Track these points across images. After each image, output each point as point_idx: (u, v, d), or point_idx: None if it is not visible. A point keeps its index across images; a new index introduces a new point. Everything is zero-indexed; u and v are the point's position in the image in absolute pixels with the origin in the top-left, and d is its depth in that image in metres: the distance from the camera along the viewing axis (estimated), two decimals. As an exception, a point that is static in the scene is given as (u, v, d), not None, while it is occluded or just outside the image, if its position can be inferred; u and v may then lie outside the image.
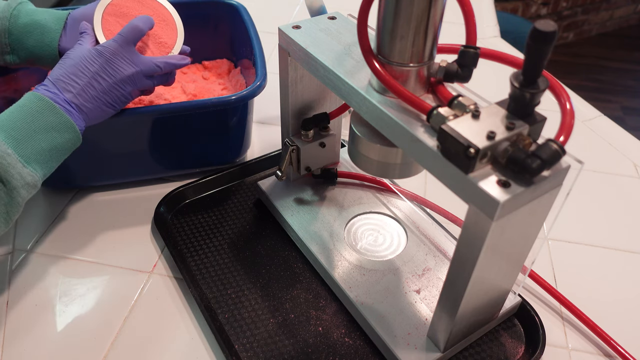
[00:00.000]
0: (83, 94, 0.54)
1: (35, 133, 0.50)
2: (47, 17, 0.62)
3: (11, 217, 0.49)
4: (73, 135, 0.53)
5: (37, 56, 0.62)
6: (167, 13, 0.67)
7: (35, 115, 0.50)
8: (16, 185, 0.48)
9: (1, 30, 0.60)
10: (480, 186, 0.36)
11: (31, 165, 0.49)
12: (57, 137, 0.51)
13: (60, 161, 0.54)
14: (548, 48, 0.33)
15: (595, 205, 0.72)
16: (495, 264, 0.43)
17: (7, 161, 0.47)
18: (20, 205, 0.50)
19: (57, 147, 0.52)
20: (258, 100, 0.69)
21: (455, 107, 0.39)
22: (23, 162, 0.48)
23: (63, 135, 0.52)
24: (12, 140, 0.48)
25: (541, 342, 0.52)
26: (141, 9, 0.65)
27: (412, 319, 0.52)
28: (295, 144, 0.62)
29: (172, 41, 0.66)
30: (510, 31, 1.27)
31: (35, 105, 0.51)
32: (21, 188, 0.49)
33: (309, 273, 0.60)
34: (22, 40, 0.61)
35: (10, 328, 0.55)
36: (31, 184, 0.50)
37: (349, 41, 0.51)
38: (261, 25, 0.83)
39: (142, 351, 0.53)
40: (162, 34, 0.65)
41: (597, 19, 2.81)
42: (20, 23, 0.60)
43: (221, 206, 0.69)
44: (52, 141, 0.51)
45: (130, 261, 0.62)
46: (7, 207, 0.48)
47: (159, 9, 0.66)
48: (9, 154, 0.47)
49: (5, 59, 0.62)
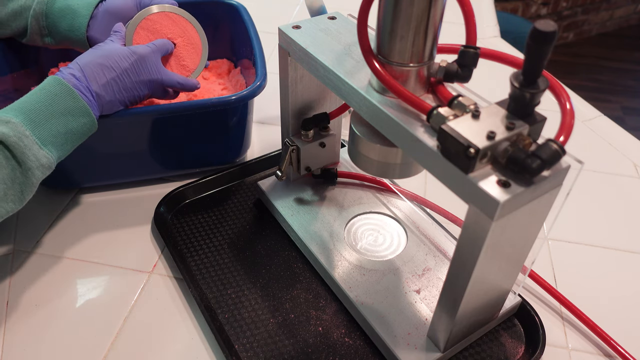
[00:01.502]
0: (108, 86, 0.57)
1: (53, 116, 0.52)
2: (79, 2, 0.66)
3: (25, 197, 0.51)
4: (88, 120, 0.55)
5: (70, 39, 0.66)
6: (196, 37, 0.70)
7: (54, 98, 0.52)
8: (31, 166, 0.50)
9: (39, 13, 0.65)
10: (480, 186, 0.36)
11: (47, 148, 0.51)
12: (72, 122, 0.53)
13: (75, 145, 0.55)
14: (548, 48, 0.33)
15: (595, 205, 0.72)
16: (495, 264, 0.43)
17: (24, 143, 0.49)
18: (35, 186, 0.51)
19: (73, 131, 0.54)
20: (258, 100, 0.69)
21: (455, 107, 0.39)
22: (39, 144, 0.50)
23: (79, 120, 0.54)
24: (30, 123, 0.50)
25: (541, 342, 0.52)
26: (174, 29, 0.68)
27: (412, 319, 0.52)
28: (295, 144, 0.62)
29: (194, 65, 0.69)
30: (510, 31, 1.27)
31: (54, 89, 0.52)
32: (36, 169, 0.50)
33: (309, 273, 0.60)
34: (57, 24, 0.65)
35: (10, 328, 0.55)
36: (46, 166, 0.51)
37: (349, 41, 0.51)
38: (261, 25, 0.83)
39: (142, 351, 0.53)
40: (186, 56, 0.69)
41: (597, 19, 2.81)
42: (55, 7, 0.65)
43: (221, 206, 0.69)
44: (67, 125, 0.53)
45: (130, 261, 0.62)
46: (22, 187, 0.50)
47: (190, 31, 0.69)
48: (27, 135, 0.49)
49: (43, 40, 0.67)
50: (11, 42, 0.71)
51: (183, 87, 0.65)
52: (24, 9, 0.65)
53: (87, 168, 0.68)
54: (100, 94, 0.56)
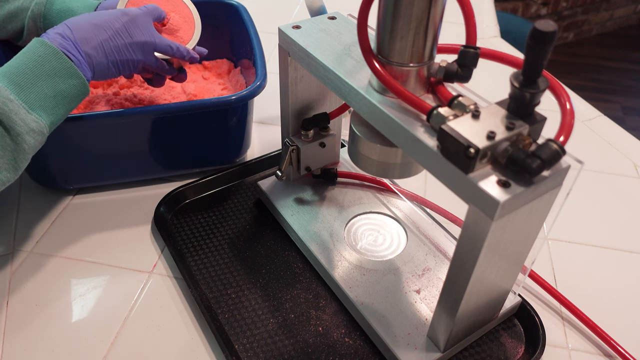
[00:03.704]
0: (99, 47, 0.55)
1: (38, 79, 0.50)
2: (79, 4, 0.65)
3: (19, 166, 0.49)
4: (78, 81, 0.53)
5: None
6: (188, 12, 0.69)
7: (38, 60, 0.50)
8: (20, 131, 0.48)
9: (37, 15, 0.64)
10: (480, 186, 0.36)
11: (36, 112, 0.49)
12: (61, 84, 0.51)
13: (68, 109, 0.54)
14: (548, 48, 0.33)
15: (595, 205, 0.72)
16: (495, 264, 0.43)
17: (9, 107, 0.47)
18: (28, 153, 0.50)
19: (63, 94, 0.52)
20: (258, 100, 0.69)
21: (455, 107, 0.39)
22: (27, 109, 0.49)
23: (67, 82, 0.52)
24: (15, 87, 0.48)
25: (541, 342, 0.52)
26: (166, 5, 0.67)
27: (412, 319, 0.52)
28: (295, 144, 0.62)
29: (188, 38, 0.68)
30: (510, 31, 1.27)
31: (38, 51, 0.51)
32: (26, 134, 0.48)
33: (309, 273, 0.60)
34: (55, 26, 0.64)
35: (10, 328, 0.55)
36: (36, 131, 0.49)
37: (349, 41, 0.51)
38: (261, 25, 0.83)
39: (142, 351, 0.53)
40: (179, 30, 0.67)
41: (597, 19, 2.81)
42: (54, 9, 0.64)
43: (221, 206, 0.69)
44: (56, 87, 0.51)
45: (130, 261, 0.62)
46: (14, 155, 0.48)
47: (182, 7, 0.68)
48: (12, 99, 0.48)
49: None
50: (6, 44, 0.70)
51: (175, 53, 0.63)
52: (20, 11, 0.65)
53: (87, 168, 0.68)
54: (90, 53, 0.54)
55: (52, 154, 0.64)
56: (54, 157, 0.65)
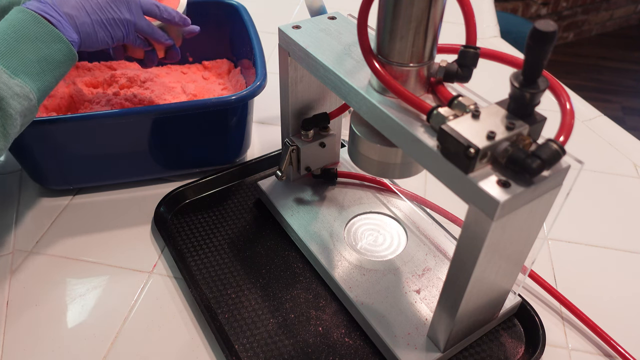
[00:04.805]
0: (80, 7, 0.54)
1: (19, 44, 0.49)
2: None
3: (8, 131, 0.49)
4: (63, 46, 0.52)
5: None
6: None
7: (17, 26, 0.50)
8: (4, 95, 0.47)
9: None
10: (480, 186, 0.36)
11: (19, 77, 0.49)
12: (44, 49, 0.51)
13: (56, 75, 0.53)
14: (548, 48, 0.33)
15: (596, 205, 0.72)
16: (495, 264, 0.43)
17: None
18: (15, 119, 0.49)
19: (48, 59, 0.51)
20: (258, 100, 0.69)
21: (455, 107, 0.39)
22: (9, 74, 0.48)
23: (51, 46, 0.51)
24: None
25: (541, 342, 0.52)
26: None
27: (412, 319, 0.52)
28: (295, 144, 0.62)
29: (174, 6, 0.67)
30: (510, 31, 1.27)
31: (16, 18, 0.51)
32: (10, 98, 0.48)
33: (309, 273, 0.60)
34: None
35: (10, 328, 0.55)
36: (21, 95, 0.49)
37: (349, 41, 0.51)
38: (261, 25, 0.83)
39: (142, 351, 0.53)
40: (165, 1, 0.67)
41: (597, 19, 2.82)
42: None
43: (221, 206, 0.69)
44: (39, 52, 0.51)
45: (130, 261, 0.62)
46: (1, 120, 0.48)
47: None
48: None
49: None
50: None
51: (162, 14, 0.63)
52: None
53: (87, 168, 0.68)
54: (71, 13, 0.53)
55: (52, 154, 0.64)
56: (54, 157, 0.65)
